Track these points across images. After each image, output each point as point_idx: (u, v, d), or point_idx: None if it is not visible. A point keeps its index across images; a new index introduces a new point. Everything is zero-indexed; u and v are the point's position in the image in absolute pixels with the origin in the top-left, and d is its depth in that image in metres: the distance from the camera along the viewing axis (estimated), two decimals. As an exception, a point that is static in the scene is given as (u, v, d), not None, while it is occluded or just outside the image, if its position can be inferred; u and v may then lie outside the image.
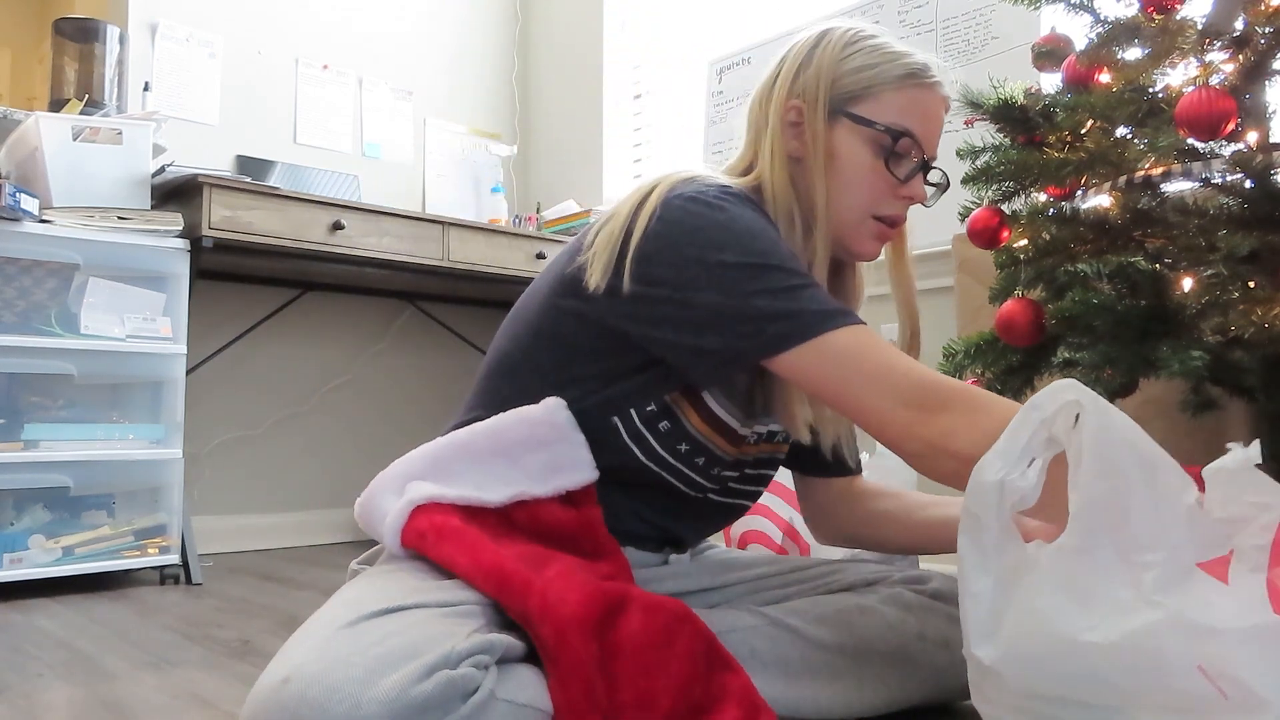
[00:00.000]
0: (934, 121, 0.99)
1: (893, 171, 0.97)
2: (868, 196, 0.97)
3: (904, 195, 0.98)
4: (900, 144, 0.96)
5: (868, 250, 1.01)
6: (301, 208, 2.36)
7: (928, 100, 0.98)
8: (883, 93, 0.97)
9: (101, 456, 2.09)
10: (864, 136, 0.96)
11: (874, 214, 0.98)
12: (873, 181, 0.97)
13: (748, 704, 0.79)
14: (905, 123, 0.96)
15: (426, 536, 0.83)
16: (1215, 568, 0.67)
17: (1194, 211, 1.14)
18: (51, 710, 1.18)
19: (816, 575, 1.08)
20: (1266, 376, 1.11)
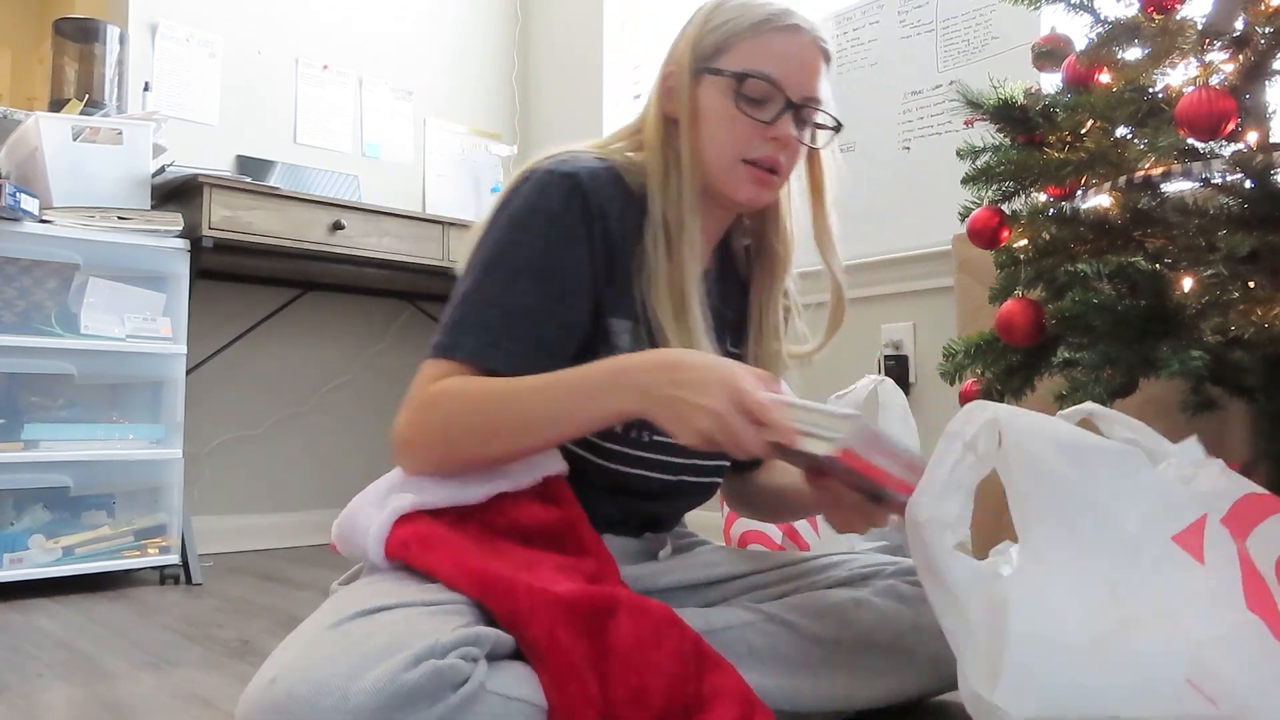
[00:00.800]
0: (794, 61, 0.98)
1: (746, 112, 0.97)
2: (731, 141, 0.98)
3: (771, 136, 0.97)
4: (747, 85, 0.97)
5: (744, 194, 1.00)
6: (301, 208, 2.36)
7: (784, 42, 0.99)
8: (739, 43, 0.98)
9: (101, 456, 2.09)
10: (721, 87, 0.98)
11: (744, 158, 0.98)
12: (733, 126, 0.98)
13: (743, 702, 0.79)
14: (760, 66, 0.97)
15: (411, 546, 0.83)
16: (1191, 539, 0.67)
17: (1194, 211, 1.14)
18: (51, 710, 1.18)
19: (811, 571, 1.08)
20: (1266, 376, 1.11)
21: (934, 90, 2.26)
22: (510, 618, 0.77)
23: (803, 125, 1.00)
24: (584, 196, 0.94)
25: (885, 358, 2.26)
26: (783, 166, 1.00)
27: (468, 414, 0.87)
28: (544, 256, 0.93)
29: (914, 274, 2.23)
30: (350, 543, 0.88)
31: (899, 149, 2.32)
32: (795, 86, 0.98)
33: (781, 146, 0.98)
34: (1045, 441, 0.67)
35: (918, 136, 2.29)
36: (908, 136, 2.31)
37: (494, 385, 0.87)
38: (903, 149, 2.31)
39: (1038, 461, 0.66)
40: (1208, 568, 0.67)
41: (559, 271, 0.92)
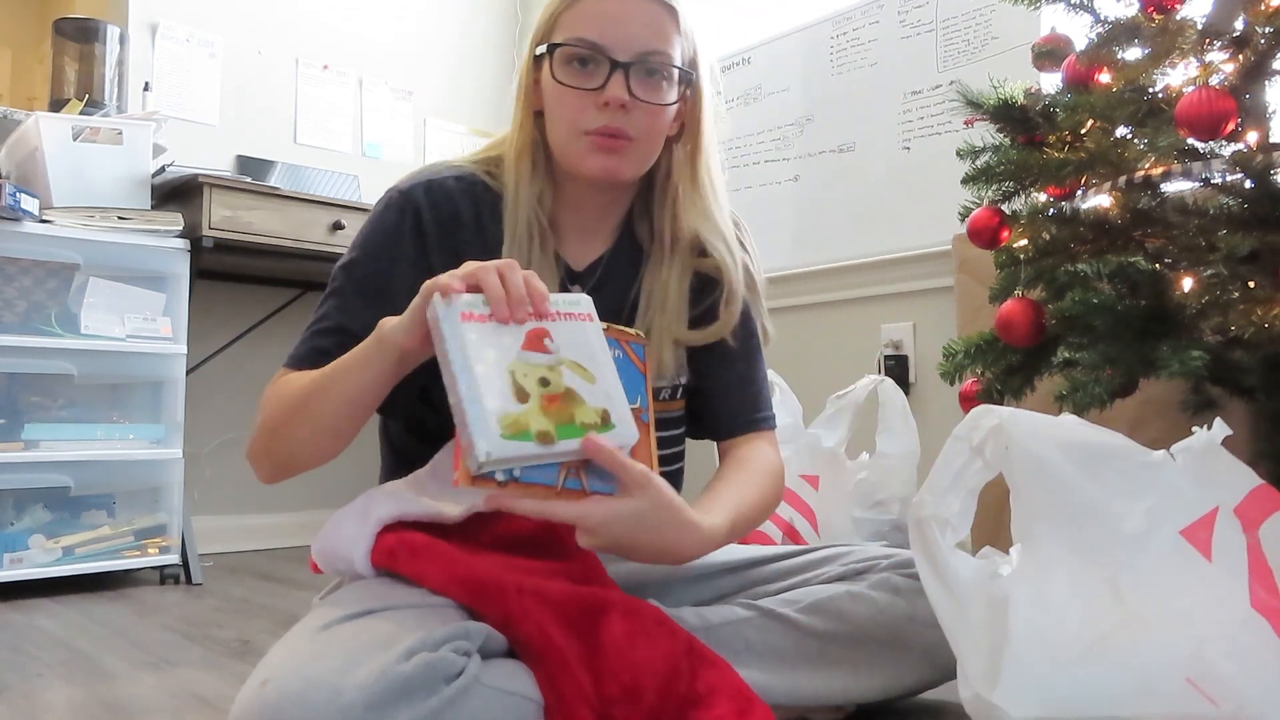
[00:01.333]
0: (613, 20, 0.93)
1: (573, 83, 0.93)
2: (565, 115, 0.95)
3: (603, 103, 0.92)
4: (566, 54, 0.94)
5: (591, 166, 0.95)
6: (301, 208, 2.36)
7: (598, 5, 0.94)
8: (561, 21, 0.95)
9: (101, 456, 2.09)
10: (547, 65, 0.96)
11: (583, 130, 0.94)
12: (564, 99, 0.94)
13: (739, 698, 0.80)
14: (578, 33, 0.93)
15: (397, 553, 0.83)
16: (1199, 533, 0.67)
17: (1194, 211, 1.14)
18: (51, 710, 1.18)
19: (807, 565, 1.08)
20: (1266, 376, 1.11)
21: (934, 90, 2.26)
22: (502, 619, 0.77)
23: (650, 85, 0.94)
24: (417, 214, 0.96)
25: (885, 358, 2.26)
26: (630, 132, 0.94)
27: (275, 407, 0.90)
28: (376, 276, 0.95)
29: (914, 274, 2.23)
30: (333, 557, 0.88)
31: (899, 149, 2.32)
32: (621, 45, 0.92)
33: (617, 111, 0.92)
34: (1048, 442, 0.67)
35: (918, 136, 2.29)
36: (908, 136, 2.31)
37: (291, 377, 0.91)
38: (903, 149, 2.31)
39: (1041, 462, 0.66)
40: (1214, 563, 0.67)
41: (389, 292, 0.92)
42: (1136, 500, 0.66)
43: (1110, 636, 0.64)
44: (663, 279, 1.02)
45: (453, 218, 0.97)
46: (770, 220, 2.54)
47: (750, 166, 2.62)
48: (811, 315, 2.43)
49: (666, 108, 0.96)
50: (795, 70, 2.58)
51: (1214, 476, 0.71)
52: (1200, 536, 0.67)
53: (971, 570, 0.68)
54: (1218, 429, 0.74)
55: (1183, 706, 0.62)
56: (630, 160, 0.96)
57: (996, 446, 0.68)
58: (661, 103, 0.95)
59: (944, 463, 0.70)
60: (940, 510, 0.69)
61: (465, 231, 0.97)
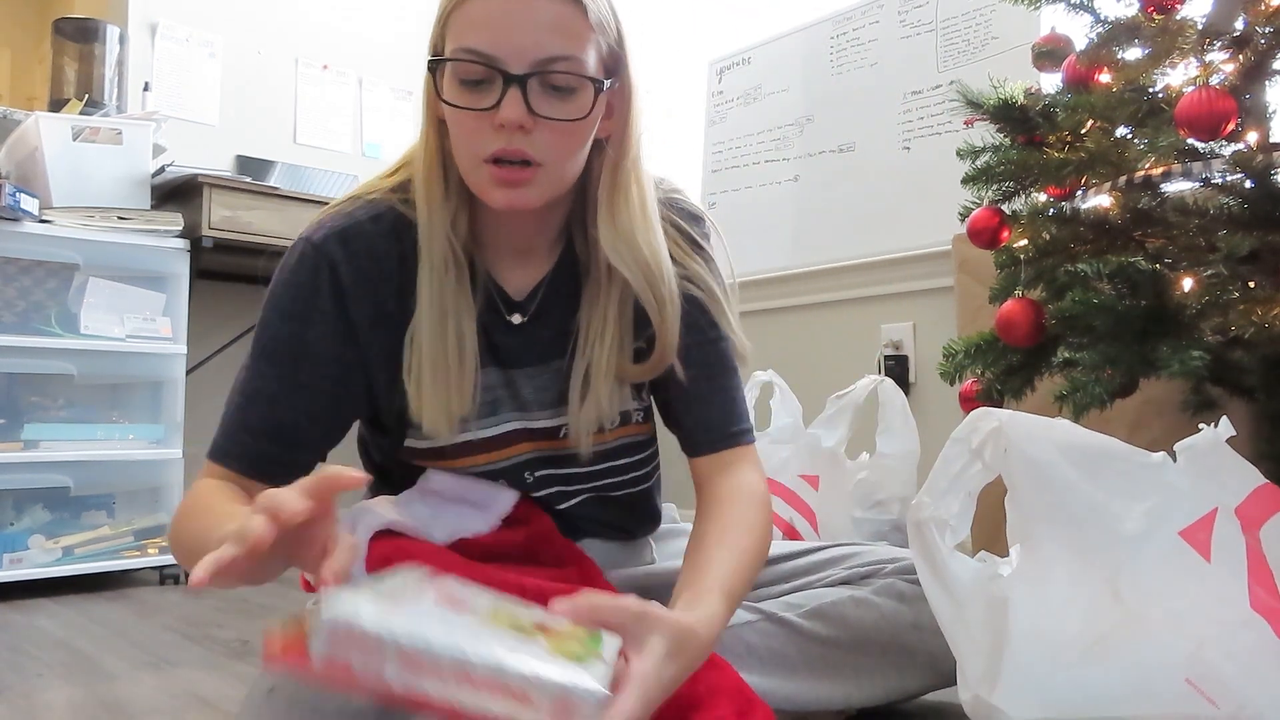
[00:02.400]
0: (502, 24, 0.77)
1: (468, 105, 0.78)
2: (463, 139, 0.81)
3: (497, 124, 0.78)
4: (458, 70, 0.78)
5: (493, 199, 0.81)
6: (301, 208, 2.36)
7: (483, 6, 0.77)
8: (449, 29, 0.80)
9: (101, 456, 2.09)
10: (444, 81, 0.81)
11: (482, 157, 0.80)
12: (459, 122, 0.80)
13: (740, 700, 0.79)
14: (465, 41, 0.78)
15: (392, 560, 0.82)
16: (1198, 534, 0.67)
17: (1194, 211, 1.14)
18: (51, 710, 1.18)
19: (812, 567, 1.07)
20: (1266, 376, 1.11)
21: (934, 90, 2.26)
22: None
23: (557, 98, 0.79)
24: (332, 269, 0.85)
25: (885, 358, 2.26)
26: (532, 155, 0.79)
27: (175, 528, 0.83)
28: (289, 342, 0.86)
29: (914, 274, 2.23)
30: None
31: (899, 149, 2.32)
32: (514, 54, 0.77)
33: (515, 133, 0.78)
34: (1047, 444, 0.67)
35: (918, 136, 2.29)
36: (908, 136, 2.31)
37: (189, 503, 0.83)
38: (903, 149, 2.31)
39: (1039, 464, 0.66)
40: (1214, 564, 0.67)
41: (304, 356, 0.85)
42: (1135, 501, 0.67)
43: (1110, 637, 0.64)
44: (600, 307, 0.90)
45: (372, 267, 0.86)
46: (770, 220, 2.54)
47: (750, 166, 2.62)
48: (811, 315, 2.43)
49: (578, 122, 0.80)
50: (795, 70, 2.58)
51: (1215, 476, 0.71)
52: (1199, 537, 0.67)
53: (971, 572, 0.68)
54: (1223, 428, 0.74)
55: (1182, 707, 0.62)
56: (539, 187, 0.82)
57: (995, 449, 0.68)
58: (570, 118, 0.79)
59: (943, 465, 0.70)
60: (939, 512, 0.69)
61: (388, 281, 0.87)
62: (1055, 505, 0.66)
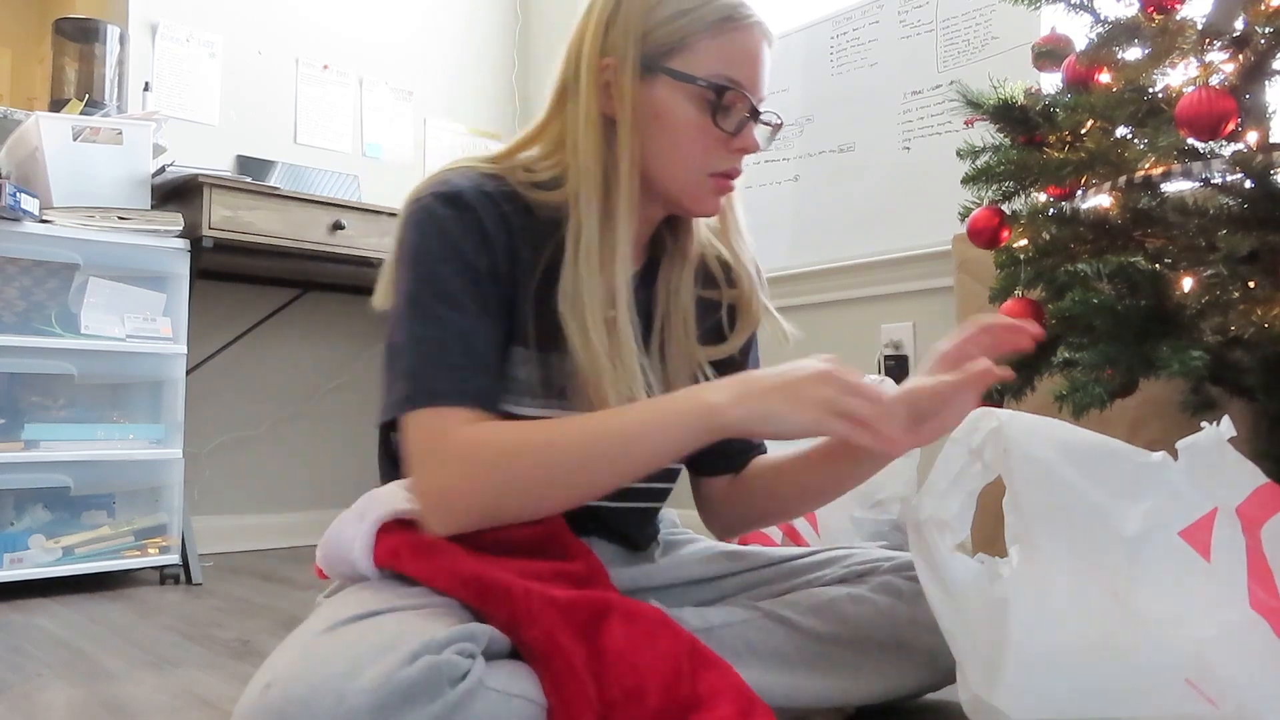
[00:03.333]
0: (756, 63, 0.91)
1: (722, 127, 0.91)
2: (700, 156, 0.92)
3: (737, 148, 0.92)
4: (726, 97, 0.90)
5: (709, 207, 0.96)
6: (301, 208, 2.36)
7: (748, 41, 0.91)
8: (699, 41, 0.89)
9: (101, 456, 2.09)
10: (686, 93, 0.90)
11: (710, 171, 0.93)
12: (703, 139, 0.91)
13: (742, 700, 0.79)
14: (727, 72, 0.90)
15: (401, 553, 0.83)
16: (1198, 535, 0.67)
17: (1194, 211, 1.14)
18: (51, 710, 1.18)
19: (808, 567, 1.07)
20: (1266, 376, 1.11)
21: (934, 90, 2.26)
22: (508, 620, 0.77)
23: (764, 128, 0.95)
24: (475, 216, 0.89)
25: (885, 358, 2.26)
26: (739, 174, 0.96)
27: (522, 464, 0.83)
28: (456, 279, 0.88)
29: (914, 274, 2.23)
30: (336, 561, 0.87)
31: (899, 149, 2.32)
32: (757, 90, 0.92)
33: (743, 155, 0.94)
34: (1046, 444, 0.67)
35: (918, 136, 2.29)
36: (908, 136, 2.31)
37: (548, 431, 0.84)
38: (903, 149, 2.31)
39: (1039, 464, 0.66)
40: (1213, 564, 0.67)
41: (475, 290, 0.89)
42: (1136, 502, 0.66)
43: (1110, 638, 0.64)
44: (680, 296, 1.00)
45: (499, 224, 0.91)
46: (770, 220, 2.54)
47: (750, 166, 2.62)
48: (811, 315, 2.43)
49: None
50: (795, 70, 2.58)
51: (1216, 475, 0.71)
52: (1199, 537, 0.67)
53: (970, 573, 0.68)
54: (1225, 427, 0.74)
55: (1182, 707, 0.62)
56: None
57: (996, 449, 0.67)
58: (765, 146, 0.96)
59: (943, 465, 0.70)
60: (939, 512, 0.69)
61: (508, 241, 0.91)
62: (1055, 506, 0.66)
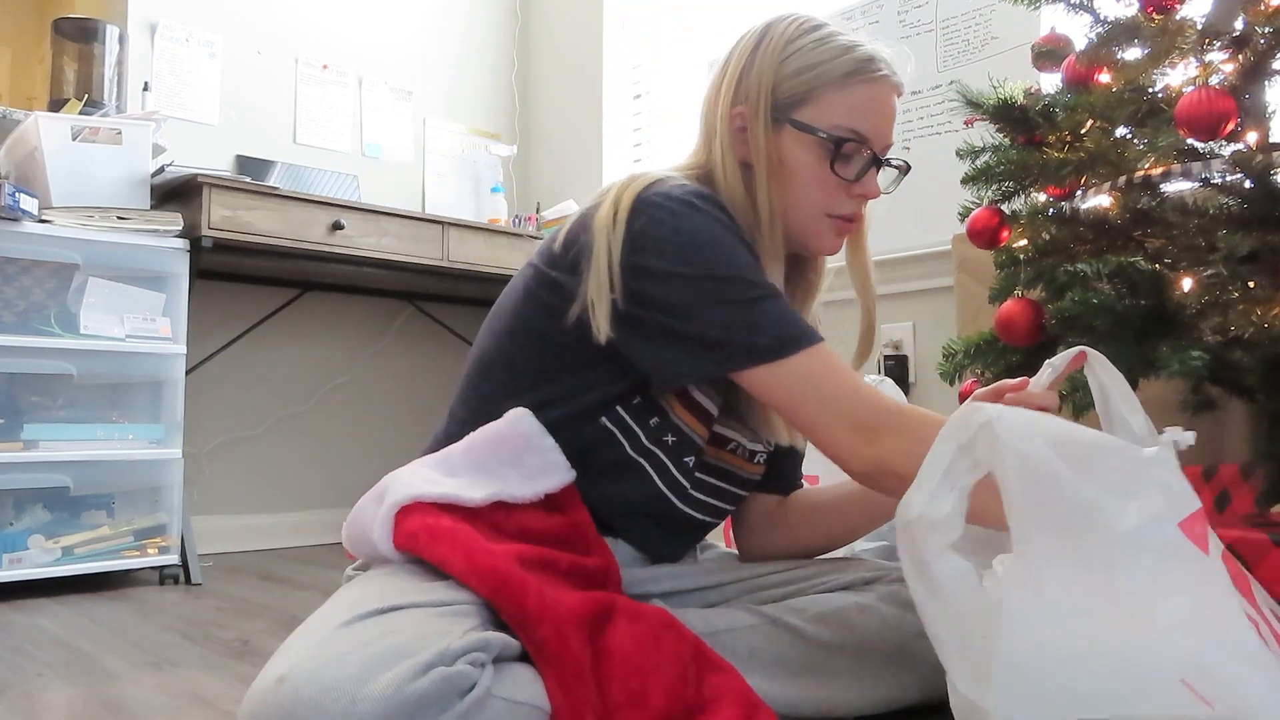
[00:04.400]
0: (882, 114, 0.98)
1: (840, 174, 0.97)
2: (819, 200, 0.98)
3: (857, 194, 0.98)
4: (845, 147, 0.96)
5: (829, 246, 1.02)
6: (301, 208, 2.35)
7: (874, 94, 0.97)
8: (825, 94, 0.96)
9: (101, 456, 2.09)
10: (809, 143, 0.96)
11: (829, 214, 0.99)
12: (823, 185, 0.97)
13: (745, 703, 0.79)
14: (850, 123, 0.95)
15: (419, 537, 0.83)
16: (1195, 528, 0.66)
17: (1194, 211, 1.14)
18: (51, 710, 1.18)
19: (814, 574, 1.07)
20: (1266, 376, 1.11)
21: (934, 90, 2.26)
22: (519, 617, 0.77)
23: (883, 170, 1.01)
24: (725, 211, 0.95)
25: (885, 358, 2.26)
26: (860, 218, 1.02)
27: None
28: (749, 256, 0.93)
29: (914, 274, 2.23)
30: (359, 540, 0.89)
31: (899, 149, 2.32)
32: (881, 140, 0.98)
33: (864, 201, 1.00)
34: (1039, 440, 0.66)
35: (918, 136, 2.29)
36: (908, 136, 2.31)
37: None
38: (903, 149, 2.31)
39: (1031, 461, 0.65)
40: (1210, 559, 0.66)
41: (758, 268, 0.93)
42: (1130, 498, 0.66)
43: (1106, 638, 0.63)
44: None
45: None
46: (770, 220, 2.53)
47: (750, 166, 2.62)
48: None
49: None
50: (795, 70, 2.58)
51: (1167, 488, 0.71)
52: (1197, 531, 0.66)
53: (960, 574, 0.67)
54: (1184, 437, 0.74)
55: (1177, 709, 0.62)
56: None
57: (986, 444, 0.66)
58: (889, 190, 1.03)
59: (931, 463, 0.69)
60: (929, 511, 0.67)
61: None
62: (1048, 503, 0.65)
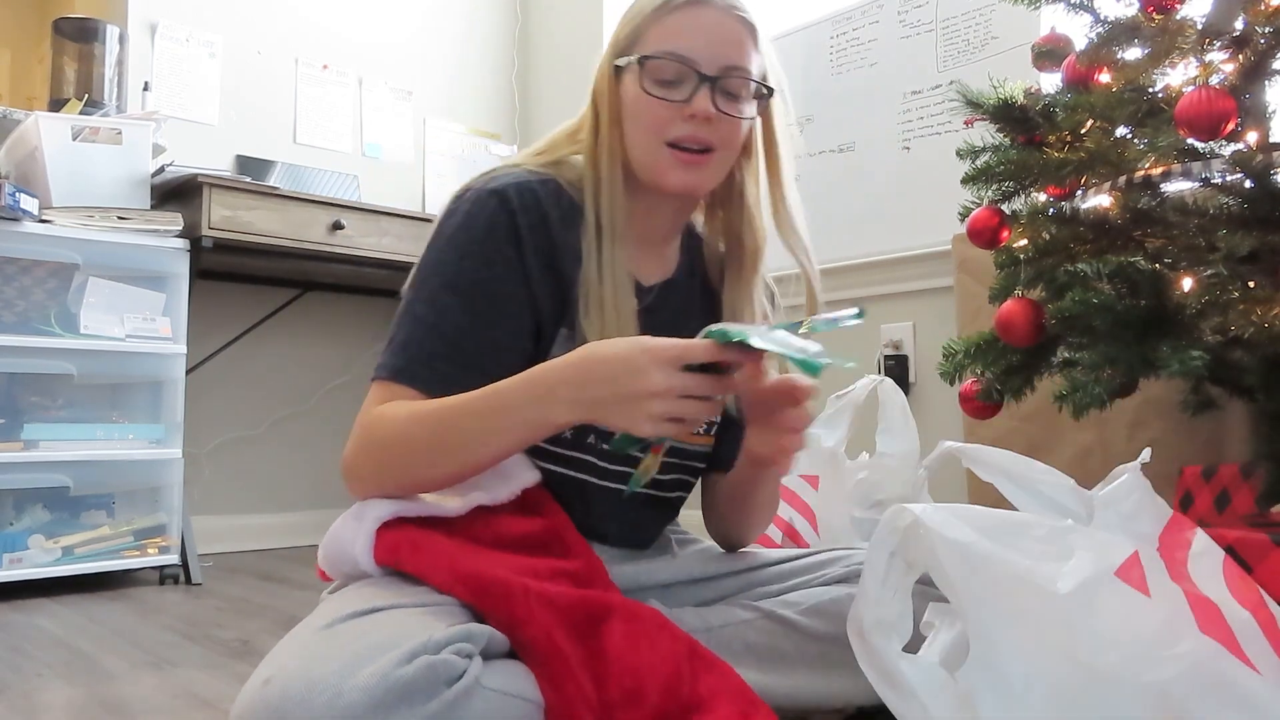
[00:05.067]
0: (702, 35, 0.95)
1: (661, 95, 0.94)
2: (649, 125, 0.95)
3: (689, 115, 0.94)
4: (654, 66, 0.94)
5: (673, 180, 0.96)
6: (301, 208, 2.36)
7: (688, 18, 0.95)
8: (646, 33, 0.96)
9: (101, 456, 2.09)
10: (634, 75, 0.96)
11: (666, 141, 0.95)
12: (649, 110, 0.95)
13: (742, 701, 0.79)
14: (666, 45, 0.94)
15: (401, 550, 0.83)
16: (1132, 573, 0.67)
17: (1194, 211, 1.14)
18: (51, 710, 1.18)
19: (809, 567, 1.07)
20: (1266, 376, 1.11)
21: (934, 90, 2.26)
22: (506, 619, 0.77)
23: (731, 99, 0.96)
24: (511, 215, 0.94)
25: (885, 358, 2.26)
26: (714, 143, 0.96)
27: (403, 439, 0.86)
28: (472, 277, 0.92)
29: (914, 274, 2.23)
30: (338, 560, 0.88)
31: (899, 149, 2.32)
32: (708, 59, 0.94)
33: (702, 123, 0.94)
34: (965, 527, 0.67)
35: (918, 136, 2.29)
36: (908, 136, 2.31)
37: (424, 409, 0.86)
38: (903, 149, 2.31)
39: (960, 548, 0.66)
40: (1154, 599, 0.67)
41: (487, 292, 0.92)
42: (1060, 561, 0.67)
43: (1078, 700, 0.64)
44: (745, 297, 1.05)
45: (540, 222, 0.95)
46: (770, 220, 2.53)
47: (750, 166, 2.62)
48: (811, 315, 2.43)
49: (745, 120, 0.98)
50: (795, 70, 2.58)
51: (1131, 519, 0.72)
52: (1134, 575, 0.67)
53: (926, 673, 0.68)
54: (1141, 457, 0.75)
55: None
56: (711, 172, 0.98)
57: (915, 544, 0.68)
58: (742, 116, 0.97)
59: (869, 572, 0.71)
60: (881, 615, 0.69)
61: (553, 237, 0.96)
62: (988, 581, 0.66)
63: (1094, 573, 0.66)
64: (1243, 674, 0.65)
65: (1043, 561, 0.67)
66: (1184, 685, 0.63)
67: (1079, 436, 1.71)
